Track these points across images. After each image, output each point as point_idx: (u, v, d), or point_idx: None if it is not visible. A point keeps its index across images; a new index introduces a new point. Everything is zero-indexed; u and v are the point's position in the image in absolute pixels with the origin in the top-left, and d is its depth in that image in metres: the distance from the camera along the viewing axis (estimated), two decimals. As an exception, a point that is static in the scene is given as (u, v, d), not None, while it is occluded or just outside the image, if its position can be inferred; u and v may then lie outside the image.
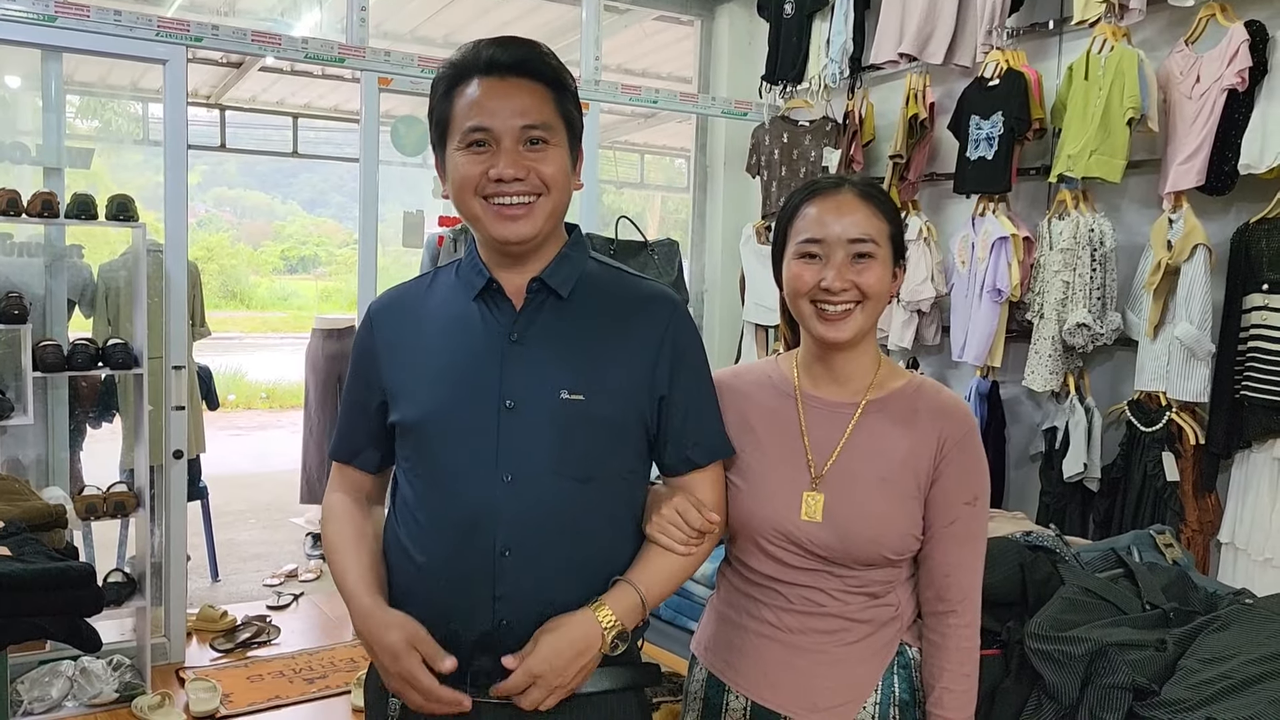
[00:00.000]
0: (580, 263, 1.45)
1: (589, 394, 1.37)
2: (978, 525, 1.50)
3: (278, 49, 3.93)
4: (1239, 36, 2.96)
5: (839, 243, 1.47)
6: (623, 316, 1.43)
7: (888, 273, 1.50)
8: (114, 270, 4.26)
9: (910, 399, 1.52)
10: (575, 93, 1.42)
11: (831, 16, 4.43)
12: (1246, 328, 2.99)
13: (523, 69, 1.36)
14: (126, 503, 3.60)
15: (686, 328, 1.46)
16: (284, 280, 21.41)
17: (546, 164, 1.35)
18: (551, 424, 1.36)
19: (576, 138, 1.42)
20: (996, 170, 3.65)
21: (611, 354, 1.40)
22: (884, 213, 1.50)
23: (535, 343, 1.39)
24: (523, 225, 1.36)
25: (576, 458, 1.37)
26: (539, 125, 1.35)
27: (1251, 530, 2.99)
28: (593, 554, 1.40)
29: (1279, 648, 1.43)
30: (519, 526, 1.35)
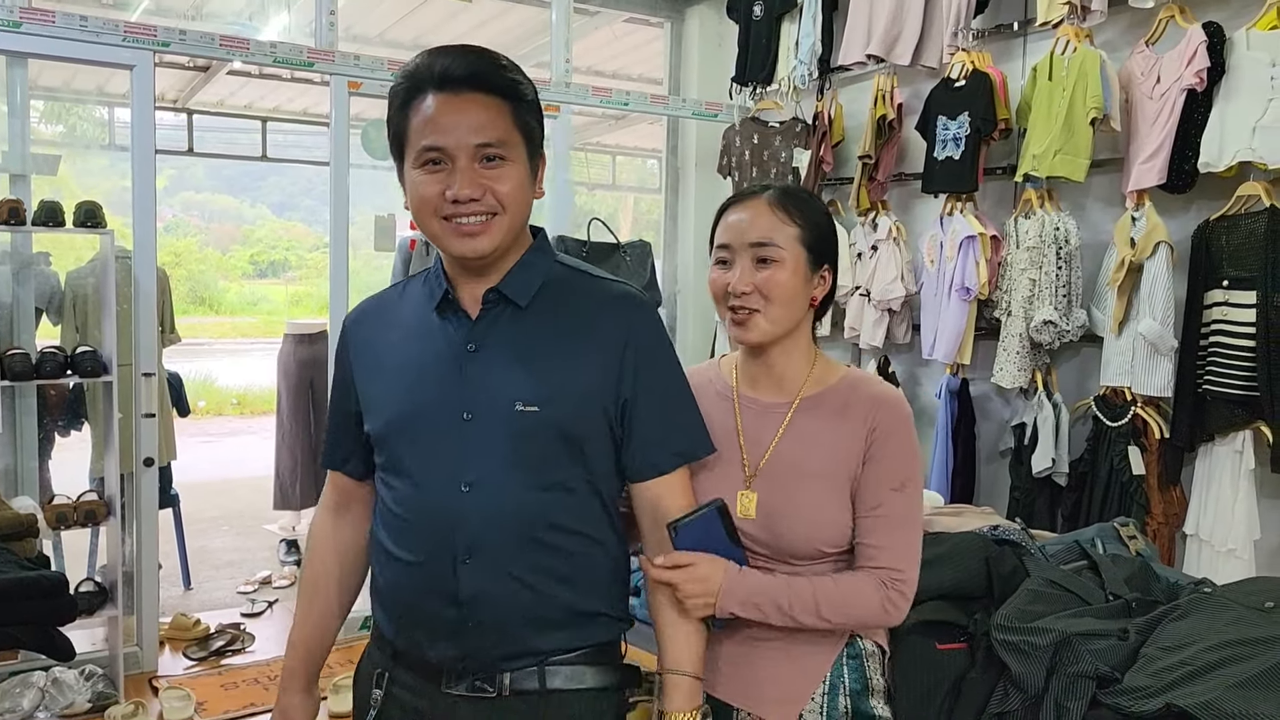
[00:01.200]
0: (542, 269, 1.43)
1: (544, 404, 1.36)
2: (907, 510, 1.51)
3: (246, 53, 3.91)
4: (1197, 38, 3.02)
5: (744, 247, 1.54)
6: (584, 321, 1.41)
7: (795, 277, 1.53)
8: (82, 277, 4.23)
9: (843, 394, 1.55)
10: (534, 101, 1.40)
11: (800, 18, 4.47)
12: (1208, 323, 3.04)
13: (476, 82, 1.33)
14: (97, 511, 3.57)
15: (650, 328, 1.44)
16: (254, 285, 21.25)
17: (502, 182, 1.34)
18: (507, 434, 1.36)
19: (536, 147, 1.40)
20: (963, 170, 3.69)
21: (570, 361, 1.39)
22: (796, 218, 1.54)
23: (492, 353, 1.39)
24: (480, 241, 1.35)
25: (534, 466, 1.37)
26: (494, 143, 1.33)
27: (1215, 522, 3.04)
28: (561, 560, 1.40)
29: (1236, 634, 1.47)
30: (478, 535, 1.37)
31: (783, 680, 1.52)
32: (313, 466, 5.49)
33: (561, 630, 1.41)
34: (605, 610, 1.45)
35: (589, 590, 1.43)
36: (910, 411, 1.56)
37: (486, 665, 1.40)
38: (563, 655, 1.41)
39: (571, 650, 1.42)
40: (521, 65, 1.44)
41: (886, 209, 4.17)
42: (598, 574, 1.44)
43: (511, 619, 1.39)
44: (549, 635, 1.40)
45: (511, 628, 1.39)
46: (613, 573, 1.47)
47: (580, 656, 1.42)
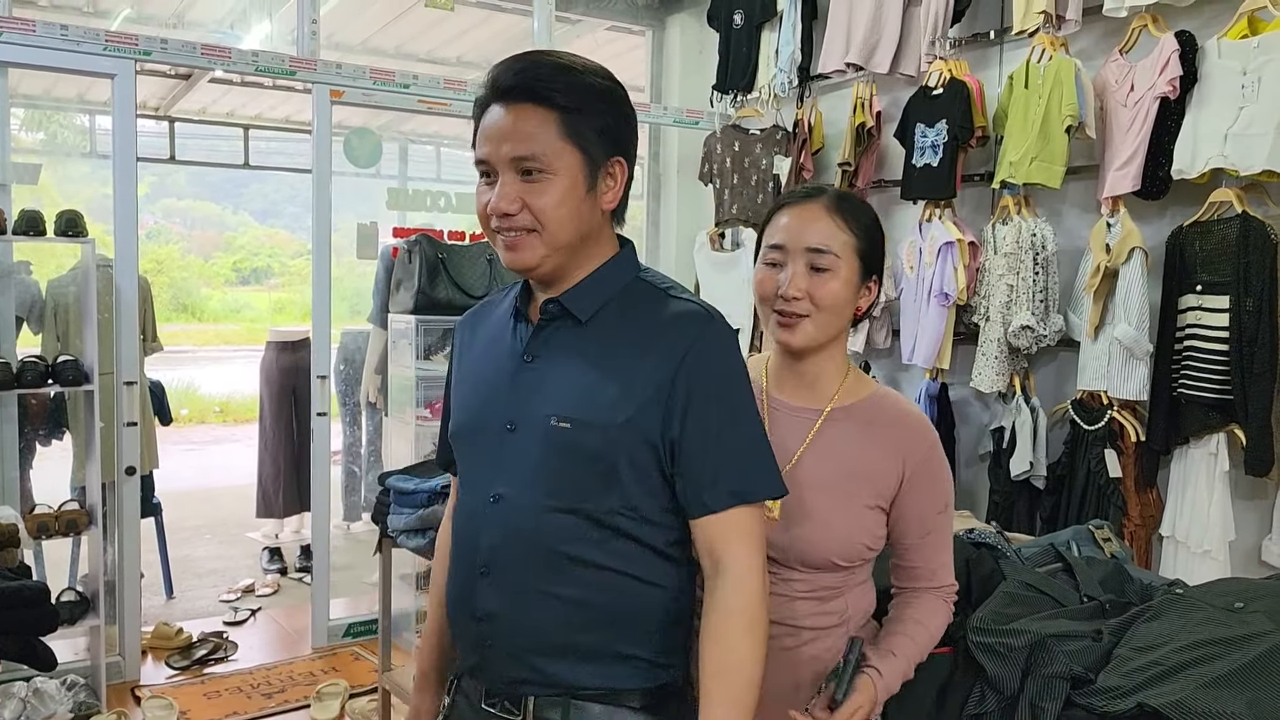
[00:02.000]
0: (615, 284, 1.36)
1: (576, 423, 1.30)
2: (950, 527, 1.58)
3: (228, 62, 3.92)
4: (1170, 46, 3.06)
5: (799, 251, 1.51)
6: (643, 342, 1.32)
7: (847, 287, 1.52)
8: (63, 286, 4.22)
9: (871, 412, 1.55)
10: (597, 109, 1.30)
11: (780, 27, 4.50)
12: (1182, 327, 3.08)
13: (523, 93, 1.28)
14: (79, 520, 3.56)
15: (712, 351, 1.31)
16: (236, 292, 21.13)
17: (540, 196, 1.28)
18: (540, 449, 1.32)
19: (598, 159, 1.31)
20: (942, 177, 3.73)
21: (618, 381, 1.31)
22: (853, 226, 1.52)
23: (545, 365, 1.35)
24: (521, 255, 1.31)
25: (558, 487, 1.31)
26: (529, 156, 1.27)
27: (1191, 524, 3.08)
28: (586, 591, 1.32)
29: (1206, 634, 1.50)
30: (496, 549, 1.35)
31: (776, 688, 1.50)
32: (295, 474, 5.47)
33: (589, 665, 1.33)
34: (645, 654, 1.35)
35: (627, 630, 1.34)
36: (936, 434, 1.58)
37: (509, 686, 1.37)
38: (593, 691, 1.33)
39: (604, 689, 1.34)
40: None
41: (866, 215, 4.19)
42: (641, 615, 1.34)
43: (524, 642, 1.34)
44: (574, 667, 1.33)
45: (524, 652, 1.34)
46: (663, 616, 1.36)
47: (613, 696, 1.34)
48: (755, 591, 1.30)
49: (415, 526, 2.87)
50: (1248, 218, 2.90)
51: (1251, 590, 1.62)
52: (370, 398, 5.21)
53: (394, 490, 2.98)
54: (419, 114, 5.09)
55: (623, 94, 1.34)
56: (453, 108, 4.49)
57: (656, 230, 5.40)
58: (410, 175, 8.07)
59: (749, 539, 1.32)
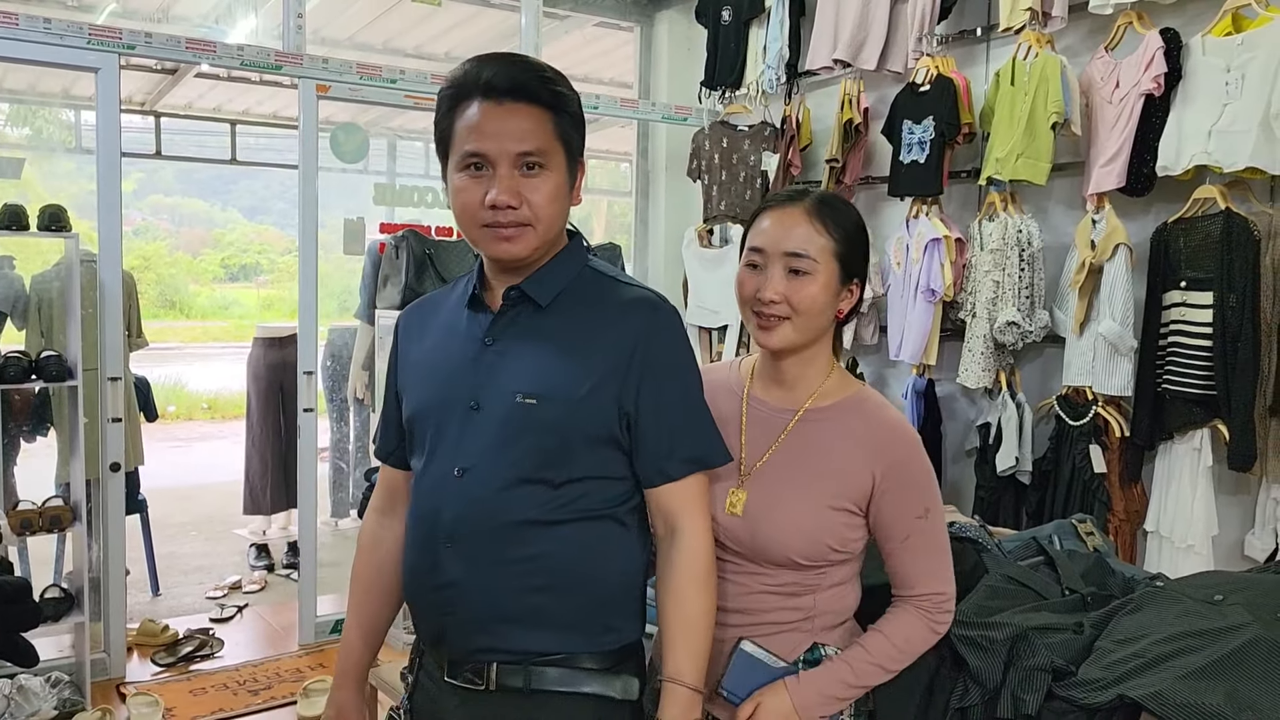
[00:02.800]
0: (569, 272, 1.47)
1: (541, 398, 1.39)
2: (936, 533, 1.54)
3: (213, 56, 3.90)
4: (1154, 44, 3.08)
5: (777, 255, 1.52)
6: (599, 324, 1.43)
7: (826, 291, 1.52)
8: (47, 281, 4.19)
9: (850, 413, 1.55)
10: (576, 113, 1.43)
11: (768, 24, 4.51)
12: (1166, 324, 3.10)
13: (520, 92, 1.37)
14: (63, 517, 3.54)
15: (664, 334, 1.43)
16: (224, 289, 21.05)
17: (538, 191, 1.38)
18: (504, 425, 1.40)
19: (575, 157, 1.43)
20: (929, 173, 3.74)
21: (577, 361, 1.40)
22: (832, 230, 1.53)
23: (506, 347, 1.44)
24: (515, 246, 1.40)
25: (522, 459, 1.39)
26: (534, 152, 1.37)
27: (1175, 518, 3.10)
28: (547, 559, 1.40)
29: (1186, 626, 1.51)
30: (461, 519, 1.41)
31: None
32: (283, 471, 5.46)
33: (549, 630, 1.40)
34: (603, 618, 1.43)
35: (585, 595, 1.42)
36: (917, 437, 1.57)
37: (470, 656, 1.42)
38: (553, 656, 1.40)
39: (563, 653, 1.41)
40: None
41: (854, 212, 4.20)
42: (598, 581, 1.43)
43: (486, 610, 1.40)
44: (533, 632, 1.40)
45: (486, 619, 1.40)
46: (619, 582, 1.45)
47: (572, 660, 1.41)
48: (707, 552, 1.44)
49: (401, 522, 2.86)
50: (1231, 214, 2.92)
51: (1231, 583, 1.63)
52: (358, 394, 5.20)
53: (380, 486, 2.97)
54: (406, 109, 5.07)
55: (580, 104, 1.47)
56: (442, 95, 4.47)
57: (645, 227, 5.39)
58: (398, 171, 8.05)
59: (700, 504, 1.45)
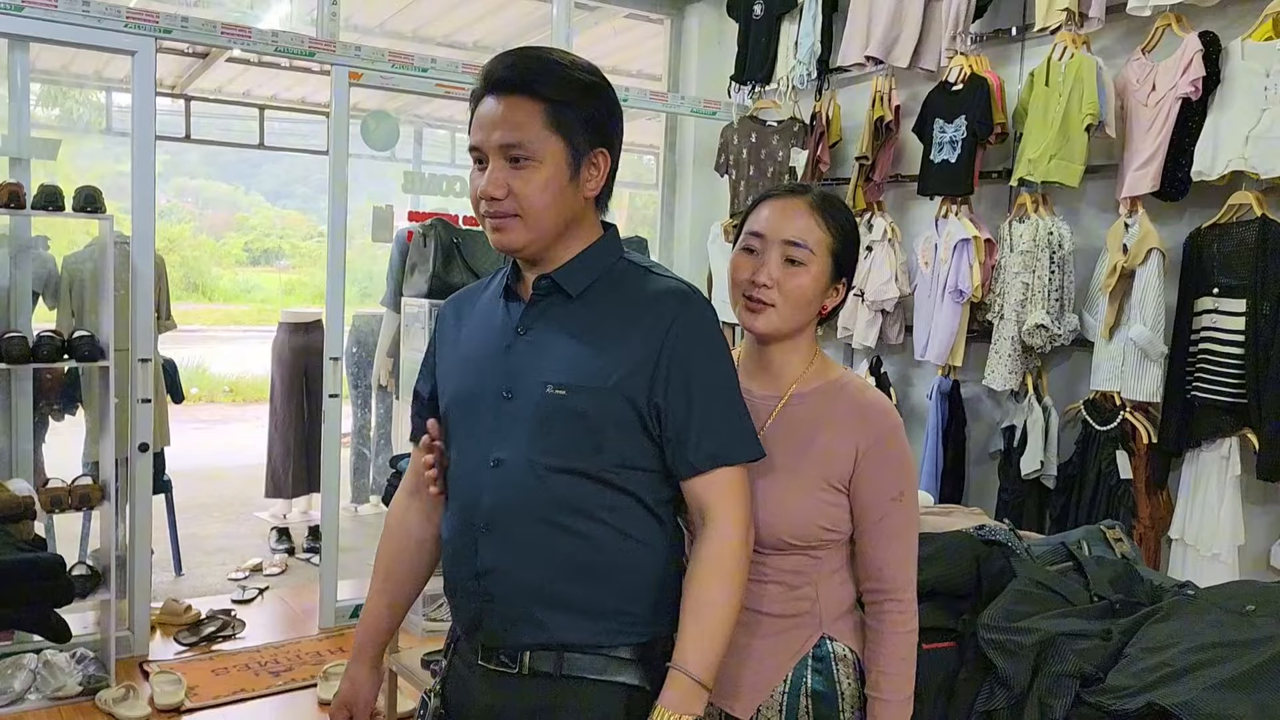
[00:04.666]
0: (602, 263, 1.47)
1: (571, 388, 1.40)
2: (906, 519, 1.55)
3: (248, 42, 3.92)
4: (1193, 46, 3.05)
5: (776, 241, 1.57)
6: (629, 314, 1.43)
7: (817, 283, 1.57)
8: (79, 262, 4.23)
9: (832, 396, 1.59)
10: (585, 104, 1.41)
11: (800, 19, 4.49)
12: (1197, 330, 3.07)
13: (513, 85, 1.38)
14: (92, 495, 3.59)
15: (694, 325, 1.43)
16: (247, 272, 21.18)
17: (524, 183, 1.38)
18: (535, 414, 1.41)
19: (581, 148, 1.41)
20: (959, 173, 3.72)
21: (606, 351, 1.41)
22: (831, 226, 1.58)
23: (537, 337, 1.45)
24: (507, 237, 1.41)
25: (553, 448, 1.40)
26: (517, 145, 1.37)
27: (1200, 527, 3.08)
28: (581, 548, 1.41)
29: (1216, 637, 1.50)
30: (498, 507, 1.43)
31: (741, 675, 1.55)
32: (305, 455, 5.50)
33: (583, 619, 1.42)
34: (636, 610, 1.44)
35: (619, 586, 1.43)
36: (899, 420, 1.58)
37: (507, 642, 1.44)
38: (586, 644, 1.42)
39: (596, 643, 1.42)
40: None
41: (882, 210, 4.19)
42: (632, 572, 1.44)
43: (522, 596, 1.42)
44: (568, 619, 1.41)
45: (523, 605, 1.42)
46: (653, 574, 1.45)
47: (604, 649, 1.42)
48: (732, 540, 1.41)
49: (426, 510, 2.88)
50: (1267, 221, 2.89)
51: (1262, 594, 1.63)
52: (382, 381, 5.23)
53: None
54: (436, 98, 5.08)
55: (608, 89, 1.45)
56: (470, 92, 4.48)
57: (671, 220, 5.39)
58: (425, 159, 8.07)
59: (732, 497, 1.43)
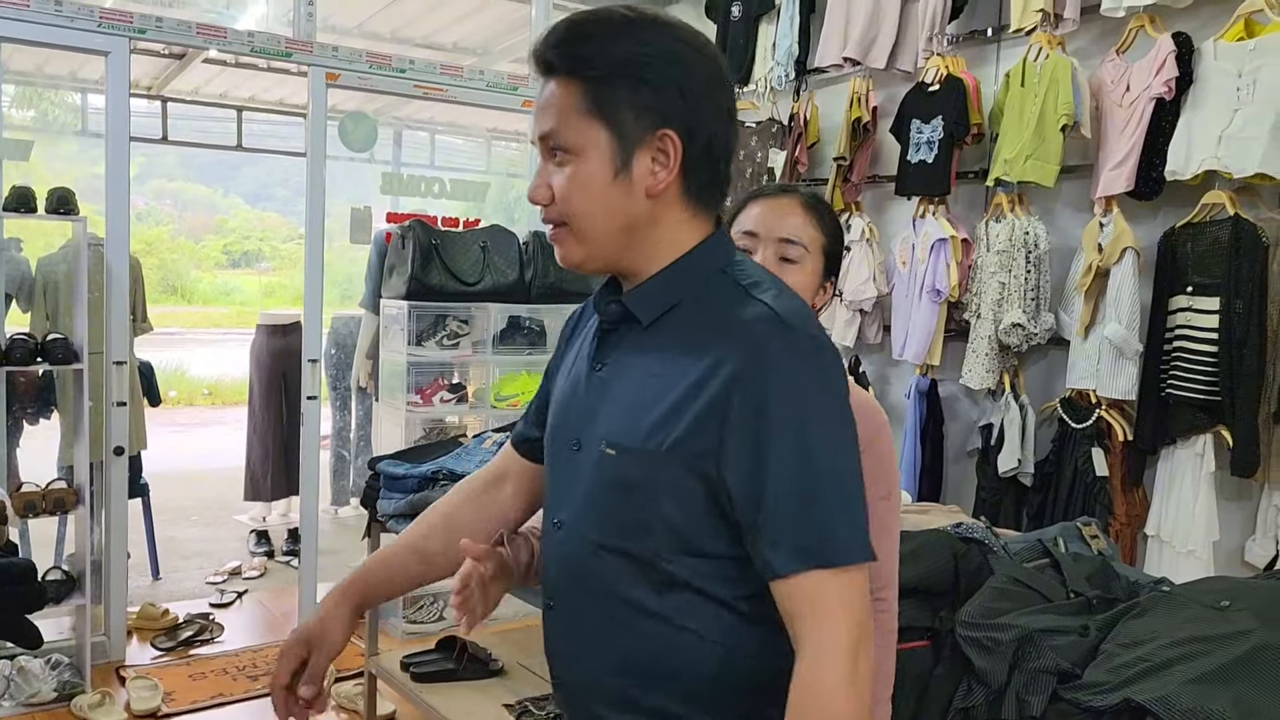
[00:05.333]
0: (689, 280, 1.16)
1: (620, 450, 1.13)
2: (893, 518, 1.57)
3: (223, 42, 3.90)
4: (1166, 47, 3.07)
5: (771, 240, 1.55)
6: (698, 352, 1.10)
7: (811, 282, 1.56)
8: (53, 264, 4.20)
9: None
10: (638, 76, 1.10)
11: (778, 20, 4.50)
12: (1172, 328, 3.10)
13: (556, 64, 1.14)
14: (66, 499, 3.55)
15: (778, 368, 1.05)
16: (226, 275, 21.06)
17: (564, 180, 1.13)
18: (591, 476, 1.17)
19: (628, 134, 1.11)
20: (936, 173, 3.74)
21: (666, 403, 1.10)
22: (823, 226, 1.57)
23: (609, 375, 1.19)
24: (561, 250, 1.18)
25: (604, 522, 1.15)
26: (548, 134, 1.14)
27: (1176, 523, 3.10)
28: (637, 642, 1.15)
29: (1192, 632, 1.51)
30: (557, 580, 1.23)
31: None
32: (284, 458, 5.46)
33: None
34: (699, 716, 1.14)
35: (688, 691, 1.14)
36: (886, 419, 1.59)
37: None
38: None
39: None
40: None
41: (860, 210, 4.21)
42: (704, 675, 1.13)
43: (582, 687, 1.22)
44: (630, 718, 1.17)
45: (585, 696, 1.22)
46: (732, 681, 1.13)
47: None
48: (826, 673, 1.01)
49: (405, 512, 2.87)
50: (1240, 220, 2.92)
51: (1237, 589, 1.64)
52: (361, 382, 5.21)
53: (384, 475, 2.98)
54: (415, 99, 5.07)
55: (674, 53, 1.12)
56: (449, 93, 4.48)
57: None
58: (404, 161, 8.04)
59: (829, 611, 1.02)
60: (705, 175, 1.16)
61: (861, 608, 1.04)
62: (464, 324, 4.41)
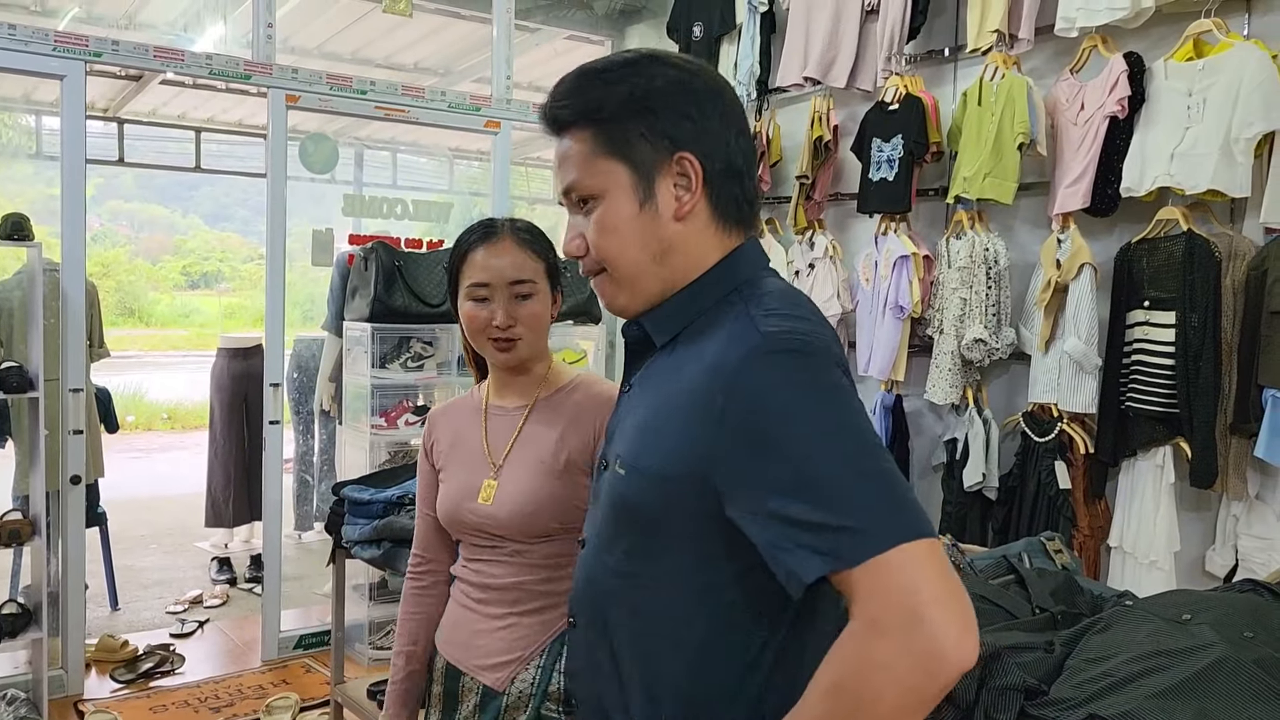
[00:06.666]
0: (701, 303, 1.16)
1: (629, 469, 1.14)
2: None
3: (181, 65, 3.86)
4: (1119, 67, 3.13)
5: (503, 285, 1.70)
6: (698, 372, 1.09)
7: (547, 303, 1.74)
8: (7, 290, 4.12)
9: (573, 395, 1.75)
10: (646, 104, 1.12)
11: (739, 40, 4.54)
12: (1130, 342, 3.14)
13: (562, 119, 1.18)
14: (22, 530, 3.48)
15: (749, 371, 1.03)
16: (185, 296, 20.80)
17: (591, 226, 1.17)
18: (606, 496, 1.19)
19: (646, 165, 1.13)
20: (897, 191, 3.78)
21: (665, 421, 1.11)
22: (539, 252, 1.74)
23: (633, 395, 1.22)
24: (607, 299, 1.21)
25: (615, 543, 1.17)
26: (573, 186, 1.17)
27: (1138, 534, 3.14)
28: (643, 670, 1.15)
29: (1155, 646, 1.52)
30: (578, 599, 1.25)
31: (499, 649, 1.69)
32: (246, 483, 5.39)
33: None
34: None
35: (700, 707, 1.12)
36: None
37: None
38: None
39: None
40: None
41: (823, 228, 4.24)
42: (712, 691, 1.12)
43: (595, 708, 1.22)
44: None
45: (600, 716, 1.22)
46: (738, 693, 1.12)
47: None
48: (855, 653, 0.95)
49: (370, 538, 2.84)
50: (1193, 235, 2.97)
51: (1199, 602, 1.66)
52: (324, 405, 5.16)
53: (349, 500, 2.95)
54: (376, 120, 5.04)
55: (678, 81, 1.14)
56: (411, 114, 4.46)
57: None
58: (366, 181, 8.00)
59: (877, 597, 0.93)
60: (732, 191, 1.17)
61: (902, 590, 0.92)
62: (428, 345, 4.38)
